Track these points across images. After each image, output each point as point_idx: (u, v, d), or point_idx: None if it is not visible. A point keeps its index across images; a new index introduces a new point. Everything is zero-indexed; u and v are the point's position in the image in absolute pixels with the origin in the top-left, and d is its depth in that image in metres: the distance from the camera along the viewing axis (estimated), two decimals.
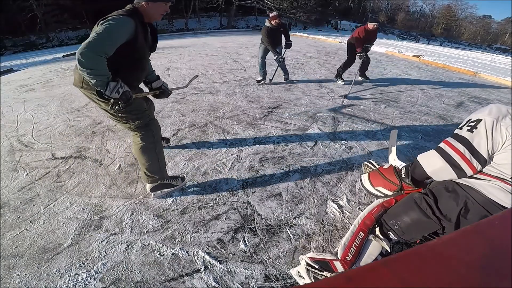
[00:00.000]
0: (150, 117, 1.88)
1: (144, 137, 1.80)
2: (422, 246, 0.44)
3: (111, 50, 1.42)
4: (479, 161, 1.08)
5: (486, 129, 1.06)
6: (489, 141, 1.05)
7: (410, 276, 0.38)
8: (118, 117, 1.72)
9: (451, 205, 1.16)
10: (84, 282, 1.36)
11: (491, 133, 1.04)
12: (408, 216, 1.31)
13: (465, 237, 0.47)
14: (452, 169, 1.14)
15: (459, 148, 1.11)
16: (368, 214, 1.51)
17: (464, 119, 1.21)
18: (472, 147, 1.09)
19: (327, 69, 6.59)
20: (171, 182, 2.00)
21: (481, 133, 1.07)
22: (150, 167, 1.86)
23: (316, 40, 16.20)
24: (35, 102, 4.23)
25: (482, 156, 1.07)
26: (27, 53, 15.27)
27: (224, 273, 1.41)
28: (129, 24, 1.48)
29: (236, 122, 3.26)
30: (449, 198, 1.18)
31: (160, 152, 1.90)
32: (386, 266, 0.39)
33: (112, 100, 1.50)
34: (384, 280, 0.37)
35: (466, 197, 1.13)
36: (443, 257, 0.41)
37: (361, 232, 1.45)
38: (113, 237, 1.62)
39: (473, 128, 1.10)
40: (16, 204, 1.92)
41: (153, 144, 1.83)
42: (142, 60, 1.75)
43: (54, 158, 2.51)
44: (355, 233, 1.45)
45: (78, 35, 23.29)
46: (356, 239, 1.43)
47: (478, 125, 1.08)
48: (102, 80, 1.41)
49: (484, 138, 1.06)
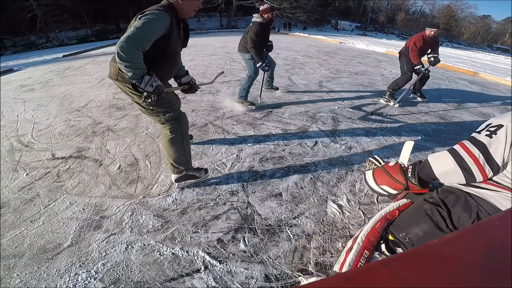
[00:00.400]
0: (179, 110, 1.95)
1: (173, 129, 1.87)
2: (422, 246, 0.44)
3: (148, 44, 1.46)
4: (492, 168, 1.03)
5: (506, 136, 1.00)
6: (507, 148, 0.99)
7: (410, 276, 0.38)
8: (149, 110, 1.78)
9: (464, 217, 1.12)
10: (84, 282, 1.36)
11: (510, 141, 0.99)
12: (419, 228, 1.22)
13: (465, 237, 0.47)
14: (462, 173, 1.09)
15: (474, 153, 1.06)
16: (371, 229, 1.42)
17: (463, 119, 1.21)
18: (488, 153, 1.03)
19: (327, 69, 6.59)
20: (195, 174, 2.07)
21: (500, 139, 1.01)
22: (177, 158, 1.93)
23: (316, 40, 16.20)
24: (35, 102, 4.22)
25: (496, 164, 1.02)
26: (27, 53, 15.28)
27: (224, 273, 1.41)
28: (165, 18, 1.51)
29: (236, 122, 3.26)
30: (461, 209, 1.13)
31: (187, 145, 1.97)
32: (386, 266, 0.39)
33: (145, 94, 1.55)
34: (384, 280, 0.37)
35: (478, 208, 1.09)
36: (443, 257, 0.41)
37: (366, 251, 1.36)
38: (113, 237, 1.62)
39: (492, 133, 1.03)
40: (16, 204, 1.91)
41: (181, 137, 1.90)
42: (175, 55, 1.78)
43: (54, 158, 2.50)
44: (360, 252, 1.35)
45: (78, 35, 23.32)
46: (361, 258, 1.34)
47: (499, 131, 1.02)
48: (138, 74, 1.46)
49: (502, 144, 1.00)
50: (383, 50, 11.40)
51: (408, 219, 1.33)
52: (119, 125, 3.21)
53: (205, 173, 2.14)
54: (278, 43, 12.85)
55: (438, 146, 2.83)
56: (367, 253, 1.34)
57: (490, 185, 1.09)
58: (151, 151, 2.59)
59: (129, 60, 1.39)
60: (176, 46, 1.72)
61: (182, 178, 2.03)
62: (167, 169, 2.29)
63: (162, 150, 2.59)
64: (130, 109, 3.71)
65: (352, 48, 12.45)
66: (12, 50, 18.37)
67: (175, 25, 1.59)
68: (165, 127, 1.88)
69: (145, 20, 1.43)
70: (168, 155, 1.95)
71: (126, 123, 3.26)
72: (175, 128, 1.87)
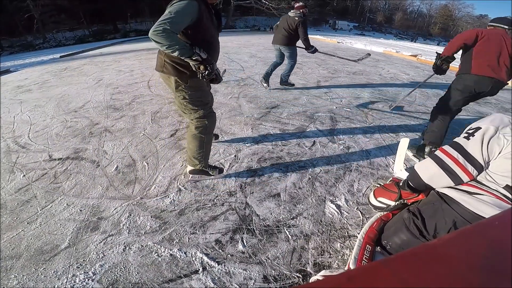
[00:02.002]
0: (210, 110, 2.00)
1: (199, 127, 1.95)
2: (422, 246, 0.44)
3: (178, 27, 1.50)
4: (475, 166, 1.07)
5: (483, 137, 1.05)
6: (484, 148, 1.05)
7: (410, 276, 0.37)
8: (184, 104, 1.85)
9: (440, 225, 1.15)
10: (82, 283, 1.35)
11: (488, 140, 1.04)
12: (397, 237, 1.29)
13: (465, 237, 0.46)
14: (446, 175, 1.12)
15: (453, 154, 1.11)
16: (369, 228, 1.50)
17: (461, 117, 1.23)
18: (466, 153, 1.08)
19: (325, 69, 6.59)
20: (208, 171, 2.13)
21: (477, 139, 1.06)
22: (195, 154, 2.01)
23: (314, 40, 16.22)
24: (32, 103, 4.20)
25: (478, 162, 1.06)
26: (24, 53, 15.20)
27: (222, 274, 1.41)
28: (192, 4, 1.54)
29: (234, 123, 3.25)
30: (438, 218, 1.16)
31: (208, 144, 2.05)
32: (386, 266, 0.38)
33: (201, 67, 1.60)
34: (384, 280, 0.36)
35: (454, 216, 1.11)
36: (443, 257, 0.40)
37: (368, 246, 1.44)
38: (111, 239, 1.61)
39: (470, 135, 1.10)
40: (13, 205, 1.90)
41: (204, 136, 1.97)
42: (213, 42, 1.82)
43: (51, 159, 2.49)
44: (363, 246, 1.43)
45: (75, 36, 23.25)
46: (365, 251, 1.42)
47: (476, 132, 1.08)
48: (184, 47, 1.50)
49: (479, 144, 1.05)
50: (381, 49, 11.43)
51: (390, 229, 1.37)
52: (116, 126, 3.20)
53: (219, 173, 2.18)
54: None
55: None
56: (369, 248, 1.40)
57: (469, 187, 1.12)
58: (149, 152, 2.58)
59: (167, 42, 1.44)
60: (211, 31, 1.75)
61: (195, 172, 2.12)
62: (165, 170, 2.28)
63: (159, 151, 2.59)
64: (127, 110, 3.70)
65: (350, 47, 12.47)
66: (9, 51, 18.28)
67: (205, 11, 1.63)
68: (192, 123, 1.95)
69: (172, 7, 1.50)
70: (188, 148, 2.05)
71: (124, 124, 3.25)
72: (201, 126, 1.95)
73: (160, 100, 4.13)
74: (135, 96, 4.34)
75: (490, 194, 1.05)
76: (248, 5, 26.90)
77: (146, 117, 3.43)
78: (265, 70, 4.73)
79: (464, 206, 1.09)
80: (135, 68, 6.70)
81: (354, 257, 1.37)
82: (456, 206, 1.12)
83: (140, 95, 4.41)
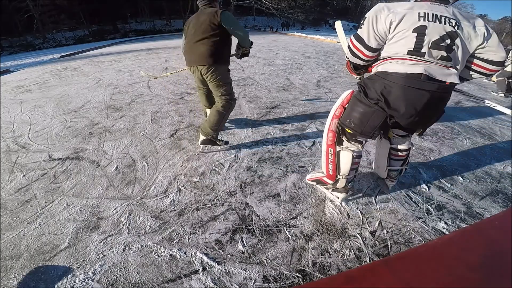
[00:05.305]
0: (234, 94, 2.53)
1: (224, 105, 2.41)
2: (422, 246, 0.44)
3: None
4: (368, 48, 1.49)
5: (369, 23, 1.43)
6: (371, 31, 1.43)
7: (410, 276, 0.37)
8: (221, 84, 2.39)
9: (376, 88, 1.46)
10: (82, 283, 1.35)
11: (372, 24, 1.42)
12: (355, 112, 1.54)
13: (465, 237, 0.47)
14: (354, 57, 1.59)
15: (353, 41, 1.54)
16: (328, 131, 1.72)
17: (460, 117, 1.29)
18: (360, 38, 1.49)
19: (325, 69, 6.59)
20: (216, 141, 2.51)
21: (365, 26, 1.45)
22: (213, 125, 2.38)
23: (314, 40, 16.23)
24: (32, 103, 4.20)
25: (369, 44, 1.47)
26: (24, 53, 15.20)
27: (222, 274, 1.40)
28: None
29: (234, 123, 3.25)
30: (373, 84, 1.49)
31: (225, 120, 2.51)
32: (386, 266, 0.38)
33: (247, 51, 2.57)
34: (384, 280, 0.36)
35: (381, 79, 1.45)
36: (443, 257, 0.40)
37: (330, 149, 1.73)
38: (111, 239, 1.61)
39: (361, 25, 1.49)
40: (13, 205, 1.90)
41: (225, 113, 2.43)
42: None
43: (51, 159, 2.49)
44: (326, 152, 1.76)
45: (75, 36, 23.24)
46: (329, 155, 1.74)
47: (364, 21, 1.46)
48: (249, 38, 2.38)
49: (367, 29, 1.45)
50: None
51: (347, 109, 1.63)
52: (116, 126, 3.20)
53: (225, 144, 2.59)
54: (276, 43, 12.87)
55: (436, 145, 2.84)
56: (332, 150, 1.72)
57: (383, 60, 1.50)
58: (149, 152, 2.58)
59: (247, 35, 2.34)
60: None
61: (206, 142, 2.49)
62: (165, 170, 2.28)
63: (159, 151, 2.59)
64: (127, 110, 3.70)
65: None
66: (9, 51, 18.28)
67: None
68: (220, 101, 2.41)
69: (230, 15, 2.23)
70: (208, 120, 2.40)
71: (123, 124, 3.25)
72: (227, 104, 2.41)
73: (160, 100, 4.13)
74: (135, 96, 4.34)
75: (395, 58, 1.42)
76: (248, 5, 26.90)
77: (146, 117, 3.43)
78: (265, 70, 4.72)
79: (384, 70, 1.45)
80: (135, 68, 6.70)
81: (323, 162, 1.80)
82: (381, 73, 1.47)
83: (140, 95, 4.41)
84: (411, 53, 1.36)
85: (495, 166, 2.49)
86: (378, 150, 1.99)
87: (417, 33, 1.33)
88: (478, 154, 2.71)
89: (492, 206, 1.95)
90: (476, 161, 2.57)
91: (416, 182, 2.19)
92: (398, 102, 1.40)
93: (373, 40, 1.45)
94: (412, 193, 2.06)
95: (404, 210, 1.87)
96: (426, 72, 1.32)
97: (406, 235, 1.65)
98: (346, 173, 1.72)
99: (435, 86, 1.34)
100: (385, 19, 1.39)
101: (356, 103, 1.54)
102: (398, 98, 1.40)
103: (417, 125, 1.61)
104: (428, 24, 1.32)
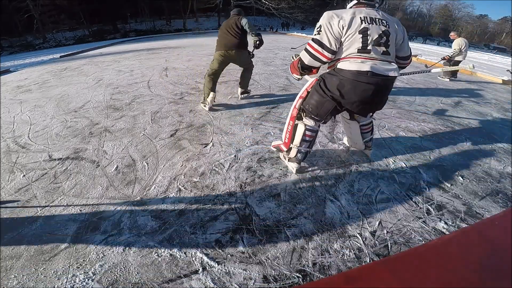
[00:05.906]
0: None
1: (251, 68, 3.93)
2: (422, 246, 0.44)
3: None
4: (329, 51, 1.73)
5: (325, 30, 1.70)
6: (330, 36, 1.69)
7: (410, 276, 0.37)
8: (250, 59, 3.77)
9: (333, 83, 1.79)
10: (82, 283, 1.35)
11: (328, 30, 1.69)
12: (313, 99, 1.95)
13: (465, 237, 0.47)
14: (313, 60, 1.83)
15: (314, 46, 1.78)
16: (293, 107, 2.15)
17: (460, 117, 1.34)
18: (321, 43, 1.73)
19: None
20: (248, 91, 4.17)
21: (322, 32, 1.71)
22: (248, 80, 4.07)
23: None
24: (32, 103, 4.20)
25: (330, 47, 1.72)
26: (23, 53, 15.20)
27: (222, 274, 1.41)
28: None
29: (234, 123, 3.25)
30: (331, 78, 1.81)
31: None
32: (386, 266, 0.38)
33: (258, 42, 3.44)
34: (384, 280, 0.36)
35: (338, 74, 1.76)
36: (443, 257, 0.40)
37: (291, 121, 2.15)
38: (111, 239, 1.61)
39: (317, 32, 1.75)
40: (13, 205, 1.90)
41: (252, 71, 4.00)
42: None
43: (51, 160, 2.49)
44: (287, 124, 2.20)
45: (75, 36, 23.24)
46: (288, 127, 2.18)
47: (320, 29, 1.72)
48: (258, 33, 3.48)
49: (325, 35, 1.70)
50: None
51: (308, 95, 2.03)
52: (116, 126, 3.20)
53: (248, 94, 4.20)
54: (276, 43, 12.87)
55: (436, 145, 2.84)
56: (291, 123, 2.15)
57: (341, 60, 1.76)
58: (149, 152, 2.58)
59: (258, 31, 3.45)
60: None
61: (245, 92, 4.12)
62: (165, 170, 2.28)
63: (159, 151, 2.59)
64: (127, 110, 3.70)
65: None
66: (9, 51, 18.28)
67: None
68: (250, 68, 3.88)
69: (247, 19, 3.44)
70: (246, 77, 3.97)
71: (124, 124, 3.25)
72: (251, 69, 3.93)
73: (160, 100, 4.13)
74: (135, 96, 4.34)
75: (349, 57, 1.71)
76: (248, 5, 26.88)
77: (146, 117, 3.43)
78: (265, 70, 4.80)
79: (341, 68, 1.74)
80: (135, 68, 6.70)
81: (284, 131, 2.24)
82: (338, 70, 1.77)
83: (140, 95, 4.41)
84: (360, 51, 1.68)
85: (495, 166, 2.49)
86: (350, 130, 2.42)
87: (362, 34, 1.66)
88: (478, 154, 2.71)
89: (492, 206, 1.95)
90: (476, 161, 2.57)
91: (416, 182, 2.19)
92: (351, 94, 1.74)
93: (334, 43, 1.71)
94: (412, 193, 2.06)
95: (404, 210, 1.87)
96: (371, 69, 1.65)
97: (406, 235, 1.66)
98: (298, 144, 2.07)
99: (379, 79, 1.68)
100: (337, 24, 1.67)
101: (314, 92, 1.95)
102: (350, 90, 1.73)
103: (368, 111, 1.98)
104: (368, 26, 1.66)
